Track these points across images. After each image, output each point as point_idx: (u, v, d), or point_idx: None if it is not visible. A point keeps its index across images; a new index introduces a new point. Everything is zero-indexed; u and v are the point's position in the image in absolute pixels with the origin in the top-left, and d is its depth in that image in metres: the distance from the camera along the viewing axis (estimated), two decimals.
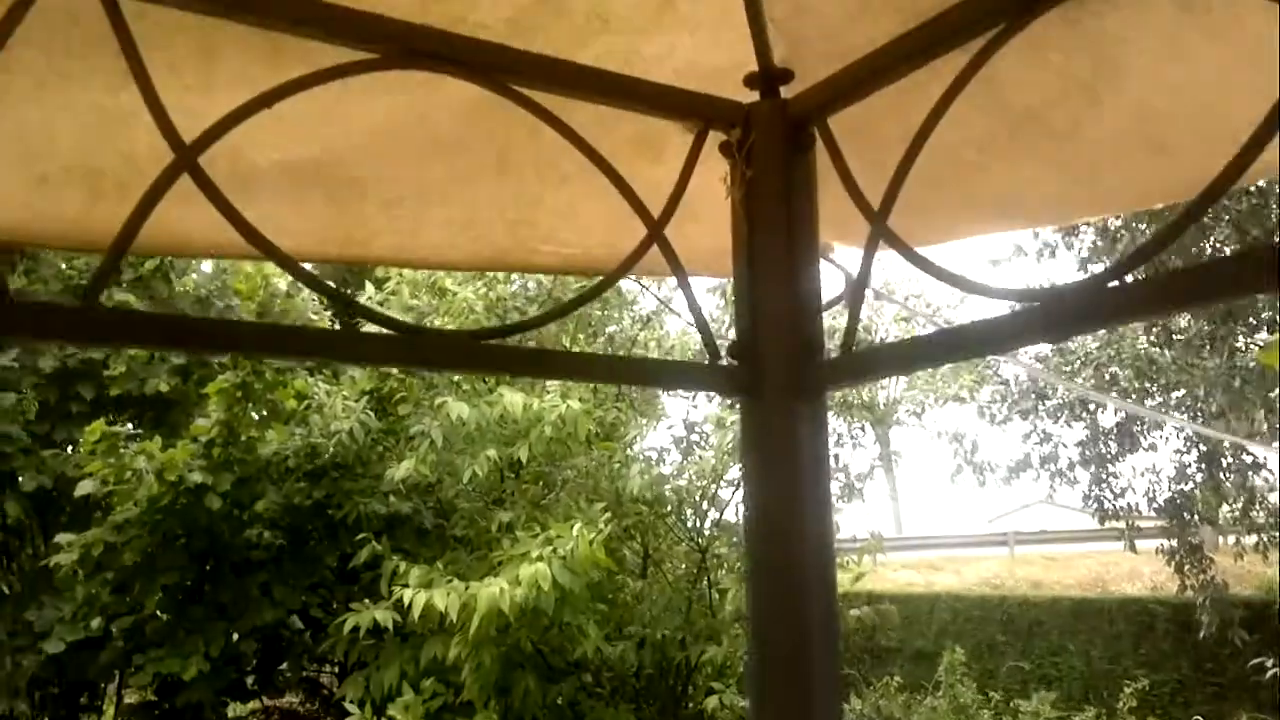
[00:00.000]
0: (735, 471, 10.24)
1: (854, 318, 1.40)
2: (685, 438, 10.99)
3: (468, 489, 9.52)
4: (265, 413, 9.36)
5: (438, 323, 10.11)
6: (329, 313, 11.67)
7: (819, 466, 1.38)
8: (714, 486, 10.22)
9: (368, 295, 10.08)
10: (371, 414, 9.51)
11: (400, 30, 1.39)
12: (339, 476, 9.41)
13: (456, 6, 1.44)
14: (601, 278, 1.54)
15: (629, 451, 10.73)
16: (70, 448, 9.56)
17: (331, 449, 9.20)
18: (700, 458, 10.10)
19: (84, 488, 8.06)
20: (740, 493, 10.77)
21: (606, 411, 10.51)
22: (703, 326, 1.51)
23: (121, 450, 8.14)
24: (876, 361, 1.42)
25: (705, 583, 9.42)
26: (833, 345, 1.51)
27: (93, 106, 1.36)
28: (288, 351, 1.47)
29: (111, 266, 1.15)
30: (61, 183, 1.39)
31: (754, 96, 1.65)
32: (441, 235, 1.65)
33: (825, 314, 1.56)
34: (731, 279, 1.55)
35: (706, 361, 1.52)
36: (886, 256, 1.50)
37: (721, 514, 10.27)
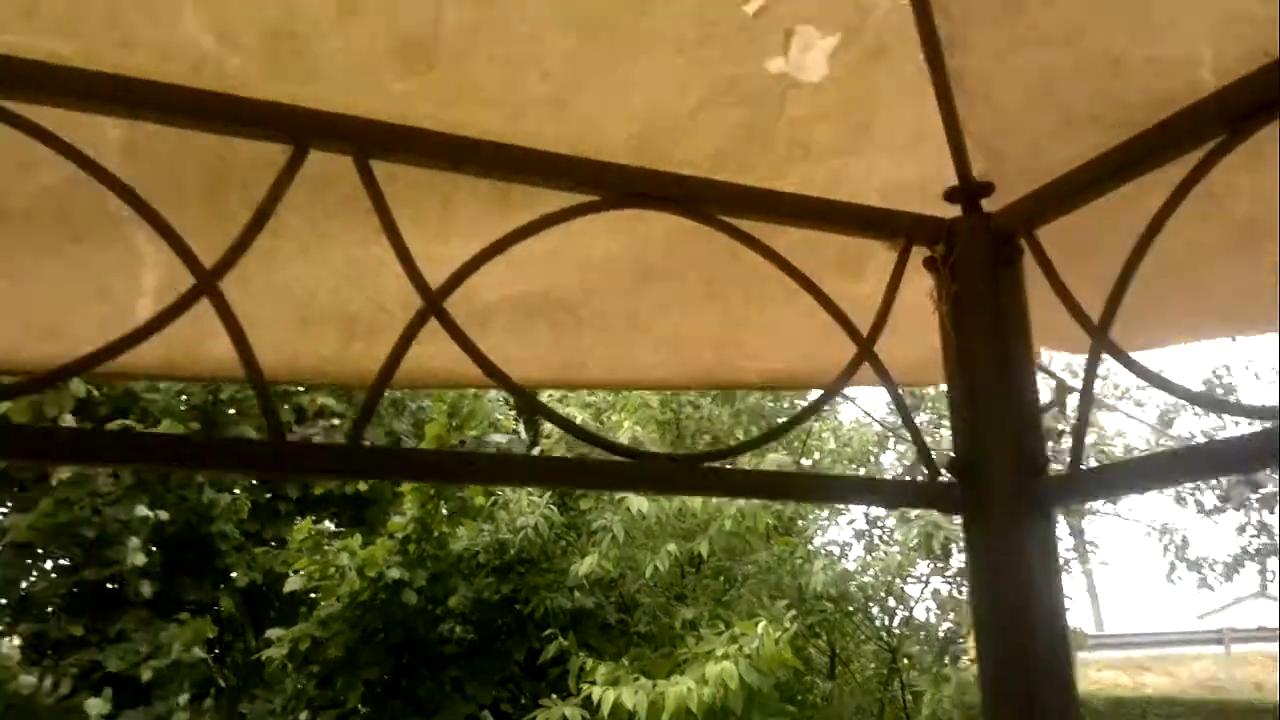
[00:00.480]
0: (923, 567, 9.92)
1: (1080, 432, 1.38)
2: (867, 532, 10.75)
3: (649, 584, 9.54)
4: (455, 509, 9.70)
5: (614, 418, 10.28)
6: (513, 410, 12.05)
7: (1049, 581, 1.36)
8: (900, 583, 9.92)
9: (548, 392, 10.38)
10: (554, 509, 9.70)
11: (617, 173, 1.49)
12: (525, 571, 9.61)
13: (665, 147, 1.53)
14: (820, 392, 1.58)
15: (810, 547, 10.57)
16: (278, 545, 10.12)
17: (518, 544, 9.42)
18: (885, 554, 9.83)
19: (292, 584, 8.51)
20: (927, 589, 10.41)
21: (785, 505, 10.41)
22: (919, 442, 1.52)
23: (325, 547, 8.58)
24: (1108, 480, 1.39)
25: (897, 684, 9.08)
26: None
27: (347, 259, 1.50)
28: (541, 481, 1.56)
29: (373, 406, 1.26)
30: (320, 327, 1.54)
31: (955, 210, 1.67)
32: (652, 358, 1.73)
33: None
34: (945, 389, 1.56)
35: (921, 477, 1.53)
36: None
37: (910, 612, 9.94)
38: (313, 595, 9.19)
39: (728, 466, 1.39)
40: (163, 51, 1.27)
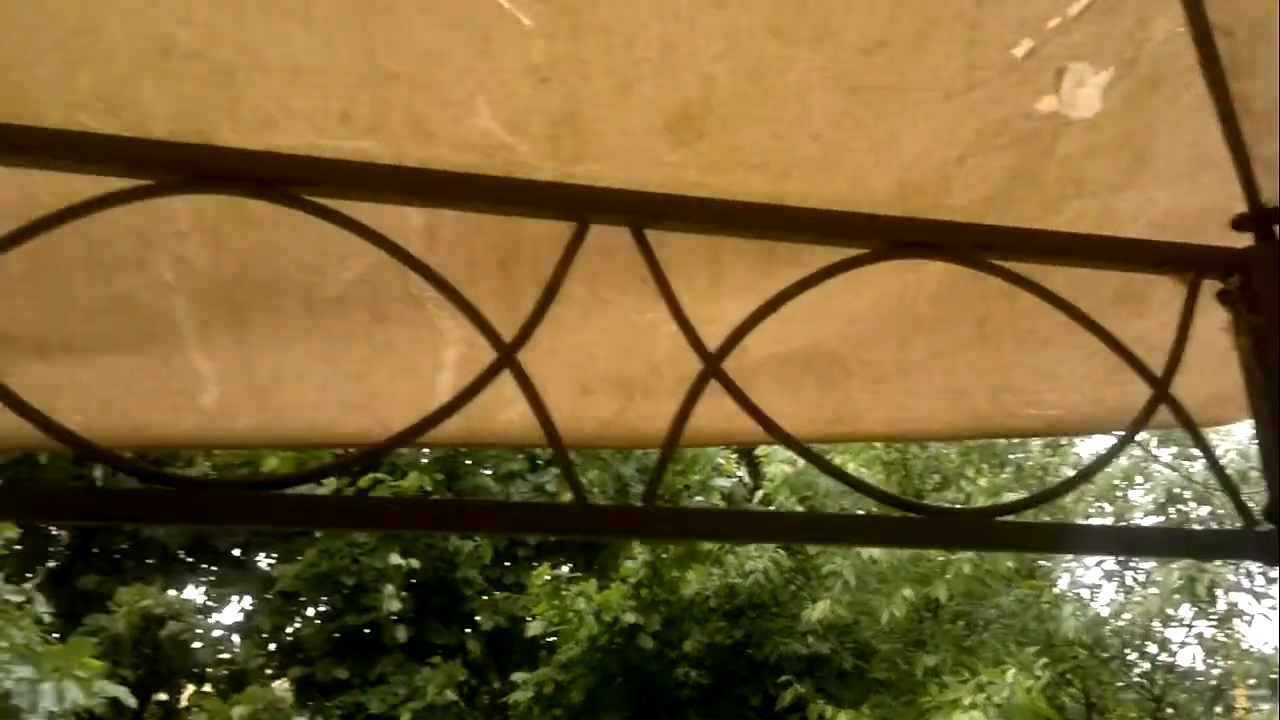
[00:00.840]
0: (1185, 610, 9.22)
1: None
2: (1119, 574, 10.10)
3: (885, 630, 9.30)
4: (683, 554, 9.78)
5: (837, 460, 10.11)
6: (734, 455, 12.06)
7: None
8: (1161, 628, 9.25)
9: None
10: (782, 553, 9.62)
11: (886, 224, 1.49)
12: (756, 616, 9.56)
13: (934, 195, 1.52)
14: (1115, 439, 1.51)
15: (1055, 590, 10.04)
16: (518, 590, 10.49)
17: (748, 588, 9.39)
18: (1142, 596, 9.20)
19: (533, 628, 8.81)
20: (1190, 633, 9.64)
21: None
22: (1230, 488, 1.42)
23: (563, 592, 8.84)
24: None
25: None
26: None
27: (624, 325, 1.57)
28: (835, 540, 1.57)
29: (664, 467, 1.30)
30: (599, 392, 1.61)
31: (1246, 239, 1.58)
32: (924, 408, 1.70)
33: None
34: (1254, 432, 1.46)
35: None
36: None
37: (1174, 657, 9.24)
38: (550, 639, 9.47)
39: (1020, 519, 1.35)
40: (459, 143, 1.37)
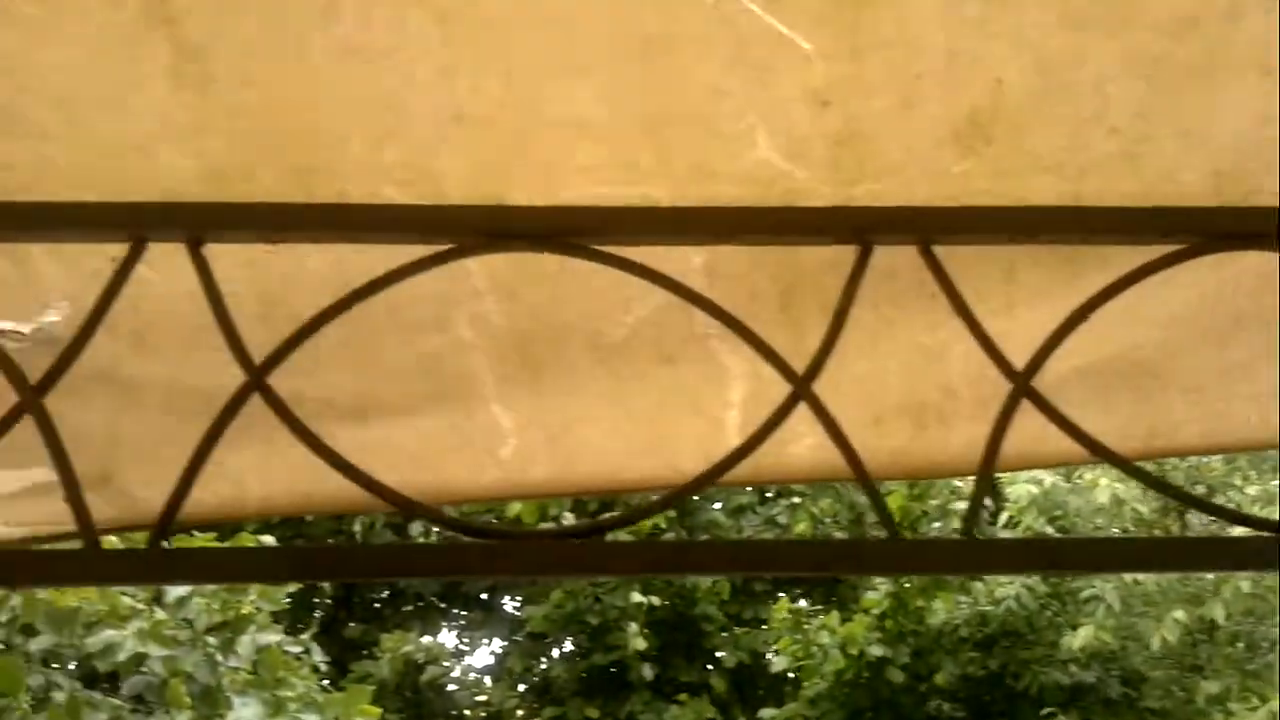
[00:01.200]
0: None
1: None
2: None
3: (1156, 655, 8.67)
4: (928, 582, 9.44)
5: (1088, 477, 9.57)
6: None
7: None
8: None
9: None
10: (1035, 578, 9.14)
11: (1199, 217, 1.37)
12: (1011, 645, 9.12)
13: (1251, 181, 1.39)
14: None
15: None
16: (758, 624, 10.43)
17: (1000, 616, 8.98)
18: None
19: (777, 664, 8.71)
20: None
21: None
22: None
23: (805, 626, 8.70)
24: None
25: None
26: None
27: (914, 347, 1.51)
28: (1130, 566, 1.46)
29: (982, 497, 1.23)
30: (890, 419, 1.55)
31: None
32: (1247, 415, 1.56)
33: None
34: None
35: None
36: None
37: None
38: (790, 674, 9.33)
39: None
40: (739, 178, 1.36)
